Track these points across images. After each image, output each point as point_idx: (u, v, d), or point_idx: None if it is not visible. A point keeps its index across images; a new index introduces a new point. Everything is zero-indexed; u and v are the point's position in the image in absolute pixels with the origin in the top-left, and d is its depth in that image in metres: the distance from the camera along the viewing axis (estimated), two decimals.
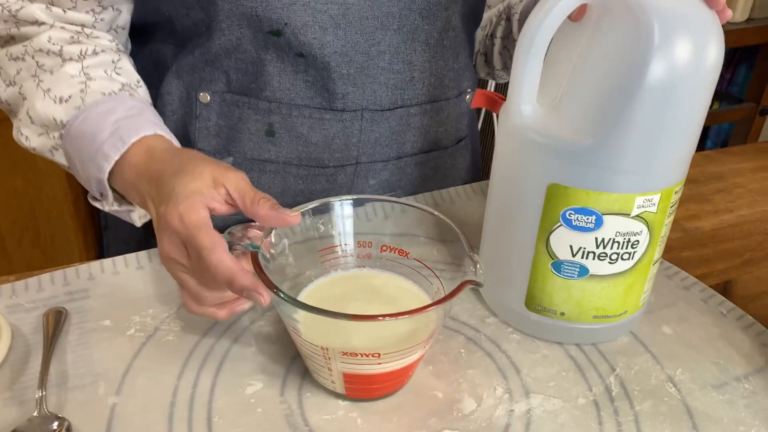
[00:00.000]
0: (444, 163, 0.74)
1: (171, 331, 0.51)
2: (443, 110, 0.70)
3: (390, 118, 0.66)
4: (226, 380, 0.47)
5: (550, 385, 0.47)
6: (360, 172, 0.67)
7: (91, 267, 0.57)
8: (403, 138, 0.68)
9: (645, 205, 0.43)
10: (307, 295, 0.48)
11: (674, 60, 0.40)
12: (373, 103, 0.64)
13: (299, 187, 0.67)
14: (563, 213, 0.44)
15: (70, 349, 0.49)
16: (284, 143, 0.64)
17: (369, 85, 0.63)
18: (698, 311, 0.55)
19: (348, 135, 0.65)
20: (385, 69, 0.63)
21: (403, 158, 0.69)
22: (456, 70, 0.69)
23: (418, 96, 0.66)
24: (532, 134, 0.44)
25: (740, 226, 0.69)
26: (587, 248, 0.45)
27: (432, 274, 0.48)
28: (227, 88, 0.62)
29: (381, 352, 0.40)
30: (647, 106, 0.40)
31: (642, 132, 0.41)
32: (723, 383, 0.48)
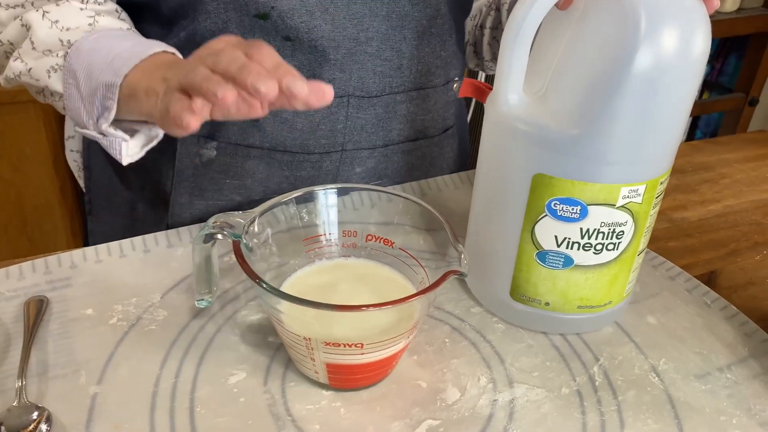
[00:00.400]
0: (431, 152, 0.74)
1: (154, 321, 0.50)
2: (430, 98, 0.69)
3: (377, 104, 0.65)
4: (210, 370, 0.46)
5: (534, 375, 0.47)
6: (346, 159, 0.67)
7: (73, 255, 0.56)
8: (390, 125, 0.67)
9: (630, 196, 0.43)
10: (291, 285, 0.48)
11: (661, 50, 0.39)
12: (359, 89, 0.64)
13: (284, 174, 0.66)
14: (548, 203, 0.44)
15: (51, 338, 0.48)
16: (269, 128, 0.63)
17: (356, 72, 0.63)
18: (683, 301, 0.55)
19: (334, 121, 0.64)
20: (373, 56, 0.63)
21: (389, 146, 0.69)
22: (443, 58, 0.68)
23: (405, 83, 0.66)
24: (518, 123, 0.44)
25: (726, 217, 0.69)
26: (572, 238, 0.45)
27: (417, 263, 0.48)
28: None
29: (364, 343, 0.40)
30: (633, 96, 0.40)
31: (628, 122, 0.41)
32: (706, 373, 0.48)
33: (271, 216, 0.47)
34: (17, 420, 0.41)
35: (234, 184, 0.66)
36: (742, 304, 0.55)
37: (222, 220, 0.44)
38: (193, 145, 0.64)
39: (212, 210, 0.67)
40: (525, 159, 0.44)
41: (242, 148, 0.64)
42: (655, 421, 0.44)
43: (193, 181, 0.65)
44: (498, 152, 0.47)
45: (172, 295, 0.53)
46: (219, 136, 0.64)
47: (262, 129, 0.63)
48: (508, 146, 0.45)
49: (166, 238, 0.59)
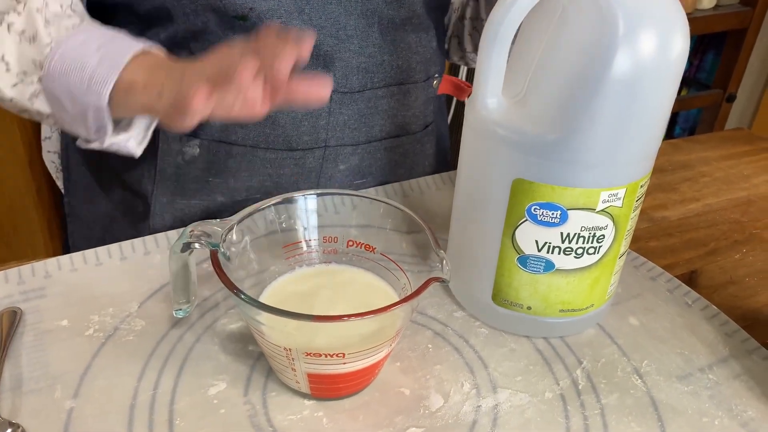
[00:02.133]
0: (413, 149, 0.73)
1: (131, 331, 0.49)
2: (411, 94, 0.69)
3: (358, 100, 0.65)
4: (189, 381, 0.45)
5: (518, 380, 0.47)
6: (329, 156, 0.66)
7: (47, 264, 0.55)
8: (372, 121, 0.67)
9: (610, 200, 0.43)
10: (271, 293, 0.47)
11: (639, 53, 0.39)
12: (342, 85, 0.64)
13: (267, 171, 0.65)
14: (528, 208, 0.44)
15: (25, 351, 0.47)
16: (251, 125, 0.63)
17: (340, 69, 0.63)
18: (664, 302, 0.56)
19: (316, 117, 0.64)
20: (357, 52, 0.63)
21: (372, 142, 0.69)
22: (421, 54, 0.68)
23: (386, 78, 0.66)
24: (497, 128, 0.44)
25: (706, 215, 0.69)
26: (552, 243, 0.45)
27: (399, 269, 0.47)
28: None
29: (345, 352, 0.40)
30: (612, 100, 0.40)
31: (606, 126, 0.41)
32: (687, 374, 0.49)
33: (250, 223, 0.46)
34: None
35: (216, 182, 0.65)
36: (723, 303, 0.56)
37: (199, 228, 0.43)
38: (176, 143, 0.63)
39: (194, 209, 0.66)
40: (504, 164, 0.44)
41: (225, 146, 0.63)
42: (638, 424, 0.44)
43: (175, 180, 0.65)
44: (477, 156, 0.47)
45: (149, 304, 0.52)
46: (201, 133, 0.63)
47: (244, 126, 0.63)
48: (488, 151, 0.45)
49: (143, 245, 0.58)
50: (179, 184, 0.65)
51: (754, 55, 1.89)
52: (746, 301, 0.57)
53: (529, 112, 0.43)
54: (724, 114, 1.94)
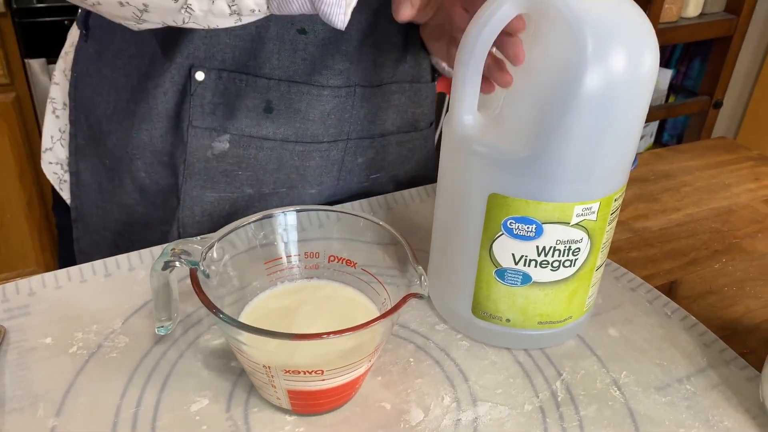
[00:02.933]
0: (420, 145, 0.76)
1: (115, 348, 0.50)
2: (421, 92, 0.73)
3: (377, 94, 0.68)
4: (171, 397, 0.46)
5: (498, 393, 0.48)
6: (350, 148, 0.69)
7: (31, 282, 0.55)
8: (385, 115, 0.70)
9: (584, 214, 0.44)
10: (253, 309, 0.48)
11: (609, 70, 0.40)
12: (364, 79, 0.66)
13: (295, 164, 0.67)
14: (504, 222, 0.44)
15: (9, 369, 0.47)
16: (282, 120, 0.64)
17: (362, 62, 0.65)
18: (644, 312, 0.56)
19: (342, 110, 0.66)
20: (374, 48, 0.65)
21: (385, 136, 0.71)
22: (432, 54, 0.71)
23: (400, 74, 0.69)
24: (473, 144, 0.44)
25: (687, 225, 0.70)
26: (529, 256, 0.45)
27: (379, 283, 0.48)
28: (224, 66, 0.62)
29: (324, 369, 0.40)
30: (583, 116, 0.41)
31: (579, 142, 0.41)
32: (666, 385, 0.49)
33: (232, 239, 0.47)
34: None
35: (246, 175, 0.66)
36: (701, 313, 0.56)
37: (180, 247, 0.44)
38: (206, 138, 0.64)
39: (223, 202, 0.67)
40: (480, 179, 0.45)
41: (255, 140, 0.65)
42: None
43: (205, 174, 0.66)
44: (455, 171, 0.47)
45: (133, 321, 0.52)
46: (231, 128, 0.64)
47: (275, 120, 0.64)
48: (464, 166, 0.46)
49: (128, 261, 0.58)
50: (209, 178, 0.66)
51: (740, 61, 1.91)
52: (725, 311, 0.58)
53: (504, 129, 0.44)
54: (712, 120, 1.96)
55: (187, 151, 0.64)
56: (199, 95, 0.62)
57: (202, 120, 0.63)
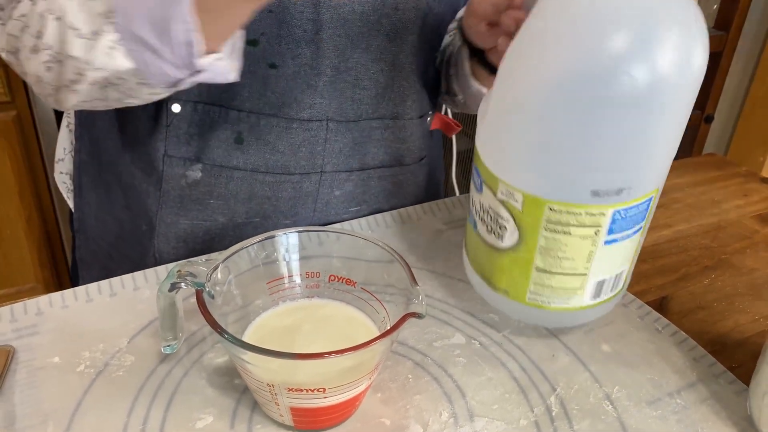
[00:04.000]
0: (406, 179, 0.77)
1: (121, 366, 0.51)
2: (406, 128, 0.73)
3: (353, 129, 0.69)
4: (177, 415, 0.47)
5: (494, 408, 0.49)
6: (325, 181, 0.70)
7: (39, 302, 0.57)
8: (365, 149, 0.71)
9: (507, 195, 0.46)
10: (256, 328, 0.49)
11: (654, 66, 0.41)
12: (338, 114, 0.67)
13: (266, 194, 0.68)
14: (474, 167, 0.48)
15: (18, 388, 0.49)
16: (252, 151, 0.66)
17: (336, 98, 0.66)
18: (635, 328, 0.58)
19: (313, 143, 0.67)
20: (352, 84, 0.66)
21: (365, 170, 0.72)
22: (418, 92, 0.72)
23: (380, 110, 0.70)
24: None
25: (677, 242, 0.72)
26: (476, 207, 0.50)
27: (378, 302, 0.49)
28: (199, 98, 0.64)
29: (326, 387, 0.42)
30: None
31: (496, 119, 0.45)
32: (657, 399, 0.51)
33: (236, 260, 0.48)
34: None
35: (218, 204, 0.68)
36: (692, 328, 0.58)
37: (185, 269, 0.45)
38: (179, 167, 0.66)
39: (196, 229, 0.69)
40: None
41: (226, 170, 0.66)
42: None
43: (179, 201, 0.68)
44: None
45: (139, 340, 0.53)
46: (204, 158, 0.66)
47: (245, 151, 0.66)
48: None
49: (133, 281, 0.60)
50: (182, 206, 0.68)
51: (730, 77, 1.94)
52: (714, 326, 0.59)
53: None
54: (703, 135, 1.99)
55: (163, 179, 0.67)
56: (175, 126, 0.65)
57: (177, 150, 0.65)
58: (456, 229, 0.71)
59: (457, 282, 0.63)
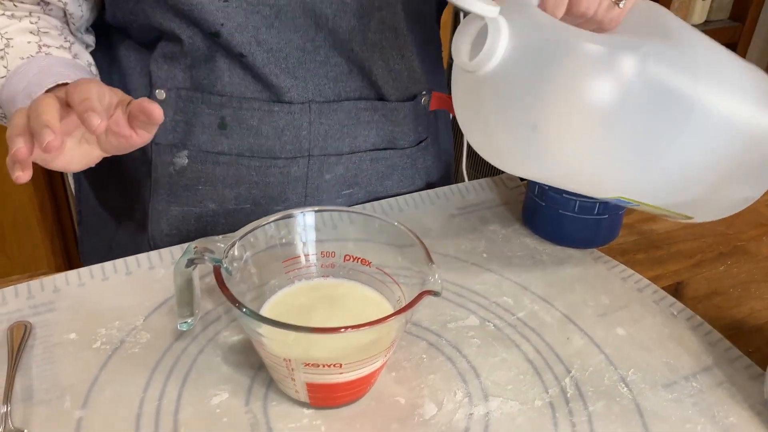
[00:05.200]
0: (402, 162, 0.75)
1: (137, 343, 0.51)
2: (397, 111, 0.72)
3: (338, 110, 0.68)
4: (192, 391, 0.47)
5: (509, 388, 0.49)
6: (313, 165, 0.69)
7: (56, 279, 0.57)
8: (355, 132, 0.70)
9: None
10: (271, 306, 0.49)
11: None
12: (318, 95, 0.67)
13: (253, 179, 0.68)
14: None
15: (35, 363, 0.49)
16: (236, 135, 0.66)
17: (311, 78, 0.66)
18: (650, 313, 0.58)
19: (297, 127, 0.67)
20: (323, 62, 0.66)
21: (356, 153, 0.71)
22: (398, 72, 0.70)
23: (360, 89, 0.69)
24: None
25: (692, 228, 0.71)
26: None
27: (393, 282, 0.49)
28: (183, 84, 0.64)
29: (343, 362, 0.42)
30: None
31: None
32: (672, 382, 0.50)
33: (252, 238, 0.48)
34: None
35: (207, 190, 0.68)
36: (707, 313, 0.58)
37: (203, 245, 0.45)
38: (167, 155, 0.66)
39: (188, 216, 0.69)
40: None
41: (212, 155, 0.66)
42: (624, 430, 0.46)
43: (169, 188, 0.68)
44: None
45: (154, 317, 0.54)
46: (189, 144, 0.66)
47: (229, 136, 0.66)
48: None
49: (148, 260, 0.60)
50: (173, 193, 0.68)
51: None
52: (730, 311, 0.59)
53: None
54: None
55: (152, 167, 0.67)
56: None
57: (164, 137, 0.66)
58: (468, 215, 0.70)
59: (470, 266, 0.62)
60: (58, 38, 0.62)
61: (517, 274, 0.61)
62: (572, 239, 0.66)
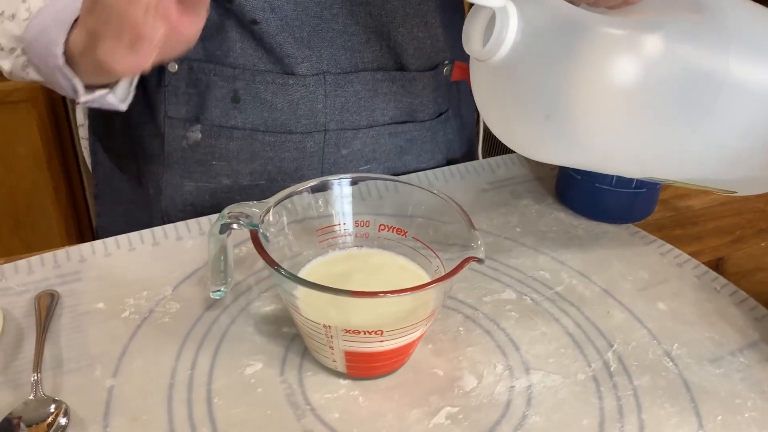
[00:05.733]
0: (422, 136, 0.73)
1: (167, 313, 0.50)
2: (416, 81, 0.69)
3: (354, 81, 0.65)
4: (225, 361, 0.46)
5: (550, 362, 0.48)
6: (330, 140, 0.67)
7: (81, 249, 0.56)
8: (373, 105, 0.67)
9: None
10: (306, 275, 0.48)
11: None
12: (333, 66, 0.64)
13: (268, 155, 0.66)
14: None
15: (64, 332, 0.48)
16: (249, 109, 0.64)
17: (326, 48, 0.63)
18: (692, 288, 0.56)
19: (312, 100, 0.65)
20: (340, 31, 0.63)
21: (374, 127, 0.69)
22: (420, 40, 0.67)
23: (379, 59, 0.66)
24: None
25: (730, 204, 0.69)
26: None
27: (431, 252, 0.48)
28: (194, 56, 0.62)
29: (384, 330, 0.40)
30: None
31: None
32: (718, 357, 0.49)
33: (286, 205, 0.47)
34: (35, 413, 0.41)
35: (221, 165, 0.66)
36: (751, 289, 0.56)
37: (237, 210, 0.44)
38: (180, 129, 0.65)
39: (202, 192, 0.68)
40: None
41: (225, 130, 0.65)
42: (671, 405, 0.44)
43: (182, 163, 0.66)
44: None
45: (183, 288, 0.52)
46: (203, 118, 0.64)
47: (243, 110, 0.64)
48: None
49: (175, 231, 0.59)
50: (186, 168, 0.67)
51: None
52: None
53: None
54: None
55: (165, 141, 0.66)
56: (173, 86, 0.64)
57: (176, 110, 0.64)
58: (500, 189, 0.69)
59: (504, 240, 0.61)
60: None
61: (552, 248, 0.60)
62: (608, 214, 0.64)
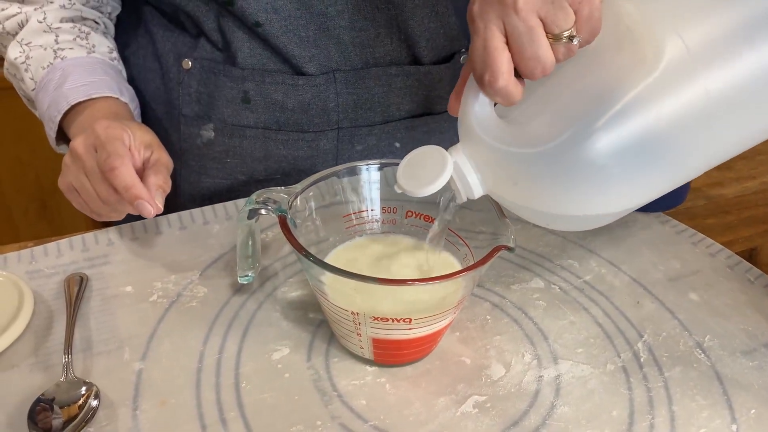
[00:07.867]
0: (439, 127, 0.71)
1: (194, 297, 0.50)
2: (432, 74, 0.67)
3: (366, 78, 0.64)
4: (252, 346, 0.46)
5: (578, 352, 0.47)
6: (344, 137, 0.66)
7: (109, 232, 0.56)
8: (387, 101, 0.66)
9: None
10: (333, 260, 0.48)
11: None
12: (343, 63, 0.63)
13: (281, 153, 0.65)
14: None
15: (93, 315, 0.48)
16: (261, 110, 0.63)
17: (334, 46, 0.62)
18: (725, 278, 0.55)
19: (324, 99, 0.63)
20: (347, 27, 0.61)
21: (390, 123, 0.67)
22: (432, 30, 0.65)
23: (391, 54, 0.64)
24: None
25: (764, 193, 0.68)
26: None
27: (459, 240, 0.47)
28: (206, 55, 0.62)
29: (412, 317, 0.40)
30: None
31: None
32: (752, 349, 0.48)
33: (314, 191, 0.46)
34: (66, 395, 0.41)
35: (235, 163, 0.66)
36: None
37: (265, 195, 0.44)
38: (194, 126, 0.65)
39: (218, 188, 0.68)
40: None
41: (238, 129, 0.64)
42: (703, 398, 0.44)
43: (198, 160, 0.66)
44: None
45: (210, 272, 0.53)
46: (214, 117, 0.64)
47: (254, 110, 0.63)
48: None
49: (202, 215, 0.59)
50: (202, 165, 0.66)
51: None
52: None
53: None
54: None
55: (180, 138, 0.65)
56: (186, 84, 0.63)
57: (189, 108, 0.64)
58: None
59: (531, 228, 0.60)
60: (72, 31, 0.61)
61: (580, 237, 0.59)
62: None
